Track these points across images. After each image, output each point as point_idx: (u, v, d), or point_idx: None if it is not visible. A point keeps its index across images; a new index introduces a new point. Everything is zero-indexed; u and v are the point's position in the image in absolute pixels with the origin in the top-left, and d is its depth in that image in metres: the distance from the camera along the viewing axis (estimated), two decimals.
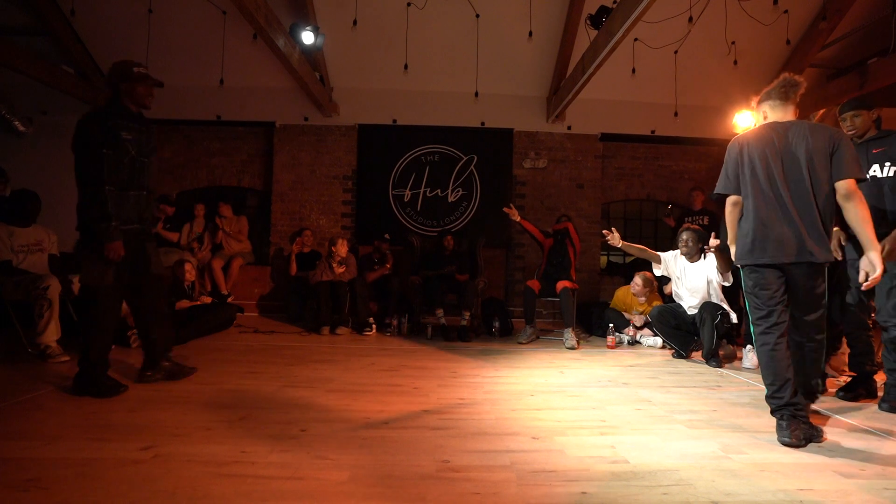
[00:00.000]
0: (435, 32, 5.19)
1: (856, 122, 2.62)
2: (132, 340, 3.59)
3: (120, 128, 2.37)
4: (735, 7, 4.66)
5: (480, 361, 3.48)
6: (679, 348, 3.75)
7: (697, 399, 2.63)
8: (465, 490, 1.52)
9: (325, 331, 4.47)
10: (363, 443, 1.88)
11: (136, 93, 2.46)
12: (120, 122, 2.38)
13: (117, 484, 1.50)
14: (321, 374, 2.96)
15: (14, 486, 1.47)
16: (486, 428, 2.08)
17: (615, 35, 3.64)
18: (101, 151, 2.29)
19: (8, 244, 3.30)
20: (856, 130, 2.63)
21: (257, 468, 1.63)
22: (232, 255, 5.50)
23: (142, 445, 1.79)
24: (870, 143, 2.60)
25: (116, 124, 2.37)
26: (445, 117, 5.84)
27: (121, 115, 2.42)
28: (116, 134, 2.35)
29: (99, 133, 2.32)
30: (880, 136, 2.60)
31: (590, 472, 1.66)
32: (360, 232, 5.83)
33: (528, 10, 4.91)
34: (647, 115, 5.90)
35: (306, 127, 5.86)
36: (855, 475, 1.68)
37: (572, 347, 4.04)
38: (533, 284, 4.44)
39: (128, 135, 2.40)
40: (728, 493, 1.53)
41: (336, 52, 5.43)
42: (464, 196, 5.88)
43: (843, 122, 2.68)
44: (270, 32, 3.94)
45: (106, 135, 2.32)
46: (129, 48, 5.22)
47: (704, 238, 3.70)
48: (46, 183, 5.26)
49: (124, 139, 2.37)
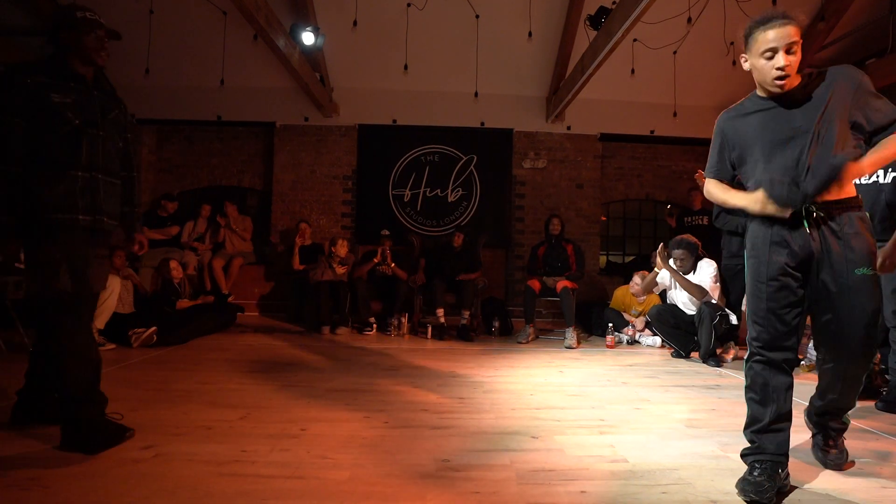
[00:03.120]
0: (435, 33, 5.19)
1: None
2: (133, 339, 3.59)
3: (46, 87, 1.78)
4: (734, 8, 4.66)
5: (480, 361, 3.48)
6: (678, 348, 3.75)
7: (696, 398, 2.64)
8: (464, 489, 1.52)
9: (326, 331, 4.48)
10: (363, 442, 1.88)
11: (82, 45, 1.87)
12: (46, 81, 1.79)
13: (117, 483, 1.50)
14: (321, 374, 2.97)
15: (14, 485, 1.48)
16: (486, 427, 2.09)
17: (614, 35, 3.65)
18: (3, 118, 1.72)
19: None
20: None
21: (257, 467, 1.64)
22: (232, 255, 5.51)
23: (142, 445, 1.79)
24: None
25: (39, 82, 1.77)
26: (445, 117, 5.85)
27: (52, 74, 1.82)
28: (39, 95, 1.76)
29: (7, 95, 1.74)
30: None
31: (589, 472, 1.67)
32: (360, 232, 5.83)
33: (528, 11, 4.92)
34: (646, 115, 5.91)
35: (306, 127, 5.86)
36: (854, 474, 1.68)
37: (571, 347, 4.05)
38: (533, 284, 4.44)
39: (60, 97, 1.80)
40: (727, 492, 1.53)
41: (336, 53, 5.44)
42: (463, 196, 5.89)
43: None
44: (271, 33, 3.95)
45: (18, 97, 1.74)
46: (129, 48, 5.23)
47: (696, 250, 3.70)
48: None
49: (55, 103, 1.78)
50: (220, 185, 6.09)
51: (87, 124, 1.85)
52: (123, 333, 3.61)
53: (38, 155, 1.78)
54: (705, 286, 3.60)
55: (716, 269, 3.65)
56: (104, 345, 3.49)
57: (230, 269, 5.44)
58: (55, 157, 1.79)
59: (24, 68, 1.80)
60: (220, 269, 5.35)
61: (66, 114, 1.80)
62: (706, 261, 3.69)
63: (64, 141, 1.80)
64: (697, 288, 3.60)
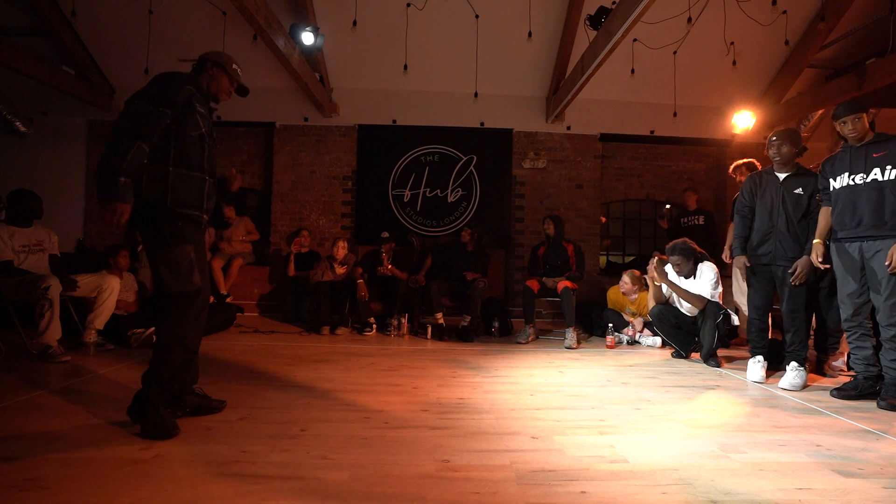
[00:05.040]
0: (435, 33, 5.19)
1: (857, 125, 2.60)
2: (133, 340, 3.59)
3: (195, 97, 2.04)
4: (734, 8, 4.67)
5: (480, 361, 3.48)
6: (679, 348, 3.75)
7: (696, 399, 2.64)
8: (464, 490, 1.52)
9: (325, 331, 4.47)
10: (363, 443, 1.88)
11: (219, 82, 2.19)
12: (196, 93, 2.05)
13: (117, 484, 1.50)
14: (321, 374, 2.96)
15: (14, 485, 1.48)
16: (486, 427, 2.09)
17: (614, 35, 3.65)
18: (156, 108, 1.88)
19: (9, 244, 3.30)
20: (856, 134, 2.61)
21: (257, 468, 1.64)
22: (232, 256, 5.51)
23: (142, 445, 1.79)
24: (870, 147, 2.59)
25: (192, 92, 2.02)
26: (445, 118, 5.85)
27: (199, 89, 2.10)
28: (190, 101, 2.01)
29: (171, 92, 1.94)
30: (880, 140, 2.58)
31: (589, 472, 1.66)
32: (359, 232, 5.83)
33: (528, 11, 4.92)
34: (646, 115, 5.92)
35: (306, 127, 5.86)
36: (854, 474, 1.68)
37: (571, 347, 4.05)
38: (532, 284, 4.44)
39: (201, 108, 2.07)
40: (727, 492, 1.53)
41: (336, 53, 5.44)
42: (463, 196, 5.89)
43: (842, 125, 2.65)
44: (270, 33, 3.95)
45: (177, 96, 1.95)
46: (129, 49, 5.23)
47: (693, 254, 3.66)
48: (47, 183, 5.27)
49: (198, 110, 2.04)
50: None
51: (209, 133, 2.12)
52: (123, 334, 3.61)
53: (178, 154, 1.97)
54: (706, 292, 3.58)
55: (717, 274, 3.62)
56: (104, 345, 3.49)
57: (230, 270, 5.44)
58: (190, 159, 2.01)
59: (186, 77, 2.05)
60: (219, 270, 5.35)
61: (199, 121, 2.05)
62: (707, 265, 3.65)
63: (196, 144, 2.03)
64: (697, 298, 3.60)
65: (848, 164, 2.66)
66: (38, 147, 5.88)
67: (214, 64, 2.18)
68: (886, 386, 2.52)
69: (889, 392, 2.50)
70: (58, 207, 5.36)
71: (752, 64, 5.46)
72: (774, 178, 3.08)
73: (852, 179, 2.63)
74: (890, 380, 2.52)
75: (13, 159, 5.83)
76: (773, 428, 2.16)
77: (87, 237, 5.83)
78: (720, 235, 5.12)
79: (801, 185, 2.98)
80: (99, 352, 3.40)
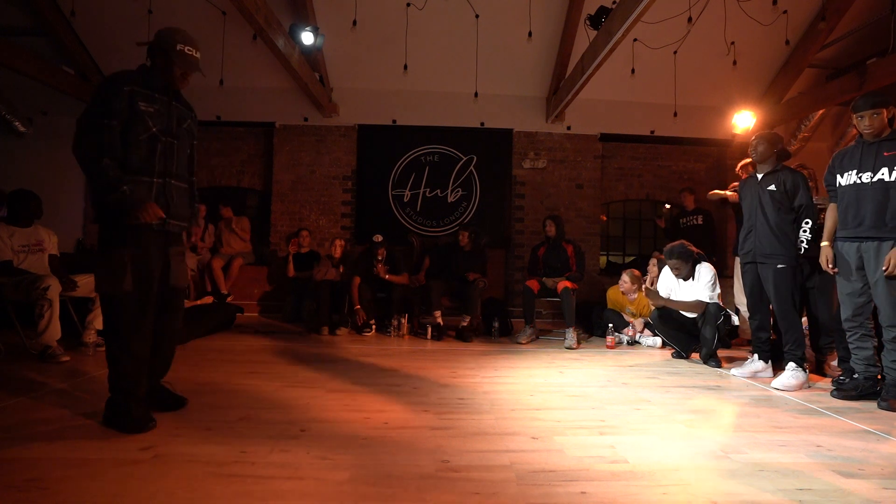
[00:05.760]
0: (435, 33, 5.19)
1: (874, 120, 2.53)
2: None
3: (138, 97, 1.95)
4: (734, 7, 4.66)
5: (480, 361, 3.48)
6: (680, 349, 3.74)
7: (697, 399, 2.63)
8: (464, 490, 1.52)
9: (325, 331, 4.47)
10: (363, 443, 1.88)
11: (170, 74, 2.04)
12: (140, 91, 1.96)
13: (117, 484, 1.50)
14: (321, 374, 2.96)
15: (14, 486, 1.47)
16: (486, 428, 2.09)
17: (614, 35, 3.64)
18: (101, 122, 1.87)
19: (8, 244, 3.30)
20: (872, 130, 2.54)
21: (257, 468, 1.64)
22: (232, 256, 5.51)
23: (141, 445, 1.79)
24: (882, 145, 2.53)
25: (134, 91, 1.94)
26: (445, 117, 5.85)
27: (143, 84, 1.99)
28: (132, 102, 1.93)
29: (107, 102, 1.89)
30: (892, 139, 2.52)
31: (589, 472, 1.66)
32: (359, 232, 5.83)
33: (528, 11, 4.92)
34: (646, 115, 5.91)
35: (306, 127, 5.86)
36: (854, 475, 1.68)
37: (571, 347, 4.04)
38: (532, 284, 4.44)
39: (147, 106, 1.97)
40: (727, 492, 1.53)
41: (336, 53, 5.44)
42: (463, 196, 5.89)
43: (860, 119, 2.57)
44: (270, 33, 3.94)
45: (118, 102, 1.90)
46: (129, 48, 5.21)
47: (691, 256, 3.65)
48: (46, 183, 5.27)
49: (142, 111, 1.95)
50: (219, 185, 6.09)
51: (166, 133, 2.04)
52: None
53: (124, 159, 1.94)
54: (704, 294, 3.57)
55: (714, 275, 3.61)
56: (103, 345, 3.48)
57: (230, 270, 5.45)
58: (136, 163, 1.96)
59: (124, 76, 1.97)
60: (219, 270, 5.36)
61: (146, 121, 1.97)
62: (705, 266, 3.65)
63: (143, 146, 1.97)
64: (694, 305, 3.61)
65: (858, 160, 2.60)
66: (38, 147, 5.88)
67: (160, 50, 2.03)
68: (887, 387, 2.52)
69: (890, 393, 2.50)
70: (58, 207, 5.35)
71: (752, 64, 5.45)
72: (755, 177, 3.16)
73: (859, 178, 2.58)
74: (891, 381, 2.52)
75: (13, 159, 5.83)
76: (774, 428, 2.16)
77: (86, 237, 5.83)
78: (719, 235, 5.12)
79: (773, 182, 3.01)
80: (98, 352, 3.39)
